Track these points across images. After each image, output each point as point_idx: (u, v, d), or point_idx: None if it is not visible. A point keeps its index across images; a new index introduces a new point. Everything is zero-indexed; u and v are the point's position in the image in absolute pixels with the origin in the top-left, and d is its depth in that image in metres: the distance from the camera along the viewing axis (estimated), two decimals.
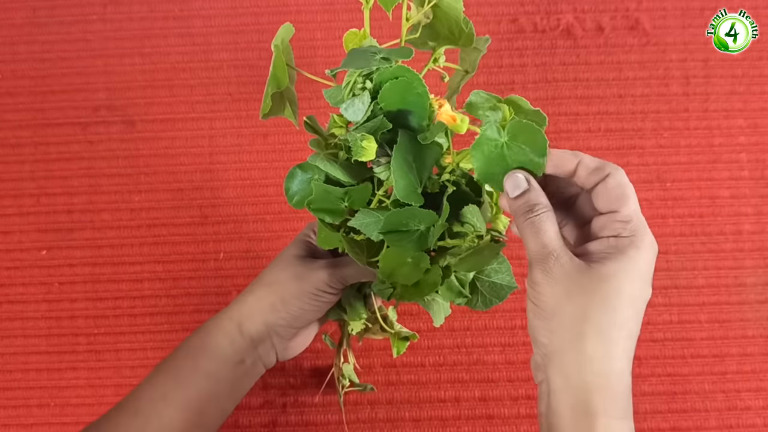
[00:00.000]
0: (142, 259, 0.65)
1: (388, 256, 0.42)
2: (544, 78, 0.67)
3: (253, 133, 0.67)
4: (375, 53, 0.39)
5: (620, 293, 0.35)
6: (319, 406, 0.62)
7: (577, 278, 0.35)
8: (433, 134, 0.39)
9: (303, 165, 0.45)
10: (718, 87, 0.67)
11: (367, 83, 0.40)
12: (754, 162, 0.66)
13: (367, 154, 0.39)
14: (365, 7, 0.42)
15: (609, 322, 0.35)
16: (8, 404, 0.63)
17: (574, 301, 0.35)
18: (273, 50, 0.42)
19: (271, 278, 0.50)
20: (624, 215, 0.37)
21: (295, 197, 0.46)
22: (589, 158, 0.38)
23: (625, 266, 0.36)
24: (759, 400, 0.61)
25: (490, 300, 0.45)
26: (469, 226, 0.41)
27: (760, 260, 0.64)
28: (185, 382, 0.48)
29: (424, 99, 0.39)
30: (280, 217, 0.66)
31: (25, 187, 0.66)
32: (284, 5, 0.69)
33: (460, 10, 0.42)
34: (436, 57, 0.46)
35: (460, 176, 0.42)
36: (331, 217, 0.44)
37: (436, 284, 0.42)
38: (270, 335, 0.50)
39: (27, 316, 0.64)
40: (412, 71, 0.39)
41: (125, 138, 0.67)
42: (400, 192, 0.39)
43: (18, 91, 0.68)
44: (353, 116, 0.40)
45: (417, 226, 0.40)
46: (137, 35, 0.69)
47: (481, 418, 0.61)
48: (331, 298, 0.50)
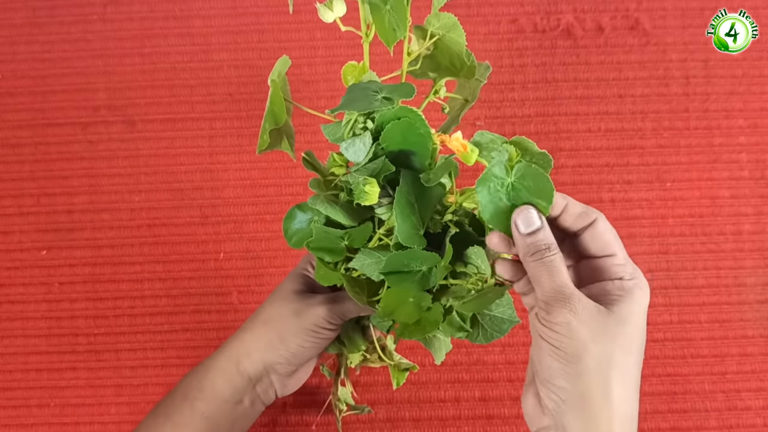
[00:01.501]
0: (142, 259, 0.65)
1: (389, 295, 0.41)
2: (544, 78, 0.67)
3: (253, 133, 0.67)
4: (376, 92, 0.38)
5: (636, 334, 0.36)
6: (320, 406, 0.62)
7: (602, 320, 0.35)
8: (438, 176, 0.38)
9: (302, 206, 0.45)
10: (718, 87, 0.67)
11: (368, 123, 0.39)
12: (754, 162, 0.66)
13: (370, 198, 0.39)
14: (365, 41, 0.42)
15: (629, 364, 0.35)
16: (8, 404, 0.63)
17: (599, 344, 0.35)
18: (270, 85, 0.42)
19: (268, 315, 0.49)
20: (621, 259, 0.38)
21: (294, 238, 0.45)
22: (573, 202, 0.38)
23: (635, 308, 0.36)
24: (759, 400, 0.61)
25: (492, 334, 0.44)
26: (473, 267, 0.40)
27: (760, 260, 0.64)
28: (183, 425, 0.47)
29: (427, 139, 0.39)
30: (280, 217, 0.65)
31: (25, 187, 0.66)
32: (284, 5, 0.69)
33: (463, 44, 0.42)
34: (436, 89, 0.45)
35: (462, 216, 0.42)
36: (331, 257, 0.43)
37: (438, 323, 0.42)
38: (268, 373, 0.49)
39: (27, 316, 0.64)
40: (414, 111, 0.38)
41: (125, 138, 0.67)
42: (402, 235, 0.38)
43: (18, 91, 0.68)
44: (354, 156, 0.39)
45: (419, 267, 0.40)
46: (137, 35, 0.69)
47: (481, 418, 0.61)
48: (330, 334, 0.49)
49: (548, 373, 0.36)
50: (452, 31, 0.41)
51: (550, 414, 0.36)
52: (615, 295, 0.37)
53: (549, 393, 0.36)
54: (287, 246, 0.64)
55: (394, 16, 0.39)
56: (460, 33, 0.41)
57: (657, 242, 0.64)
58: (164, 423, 0.48)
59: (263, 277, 0.64)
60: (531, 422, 0.38)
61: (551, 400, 0.36)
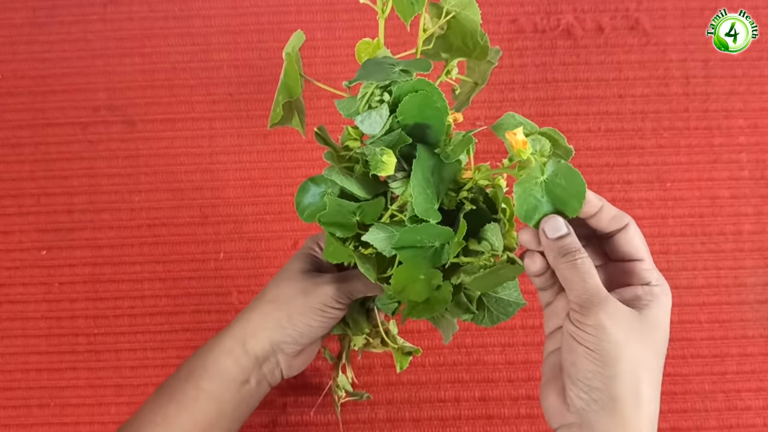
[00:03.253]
0: (142, 259, 0.65)
1: (401, 272, 0.41)
2: (544, 78, 0.67)
3: (253, 133, 0.67)
4: (393, 65, 0.39)
5: (665, 339, 0.37)
6: (319, 407, 0.62)
7: (636, 324, 0.36)
8: (457, 153, 0.38)
9: (315, 178, 0.45)
10: (718, 87, 0.67)
11: (384, 96, 0.39)
12: (754, 162, 0.66)
13: (387, 168, 0.39)
14: (380, 16, 0.41)
15: (658, 366, 0.37)
16: (8, 404, 0.63)
17: (634, 347, 0.36)
18: (284, 58, 0.41)
19: (275, 294, 0.49)
20: (650, 264, 0.39)
21: (307, 211, 0.45)
22: (608, 204, 0.39)
23: (662, 313, 0.37)
24: (759, 400, 0.61)
25: (497, 316, 0.45)
26: (487, 244, 0.40)
27: (760, 260, 0.64)
28: (188, 405, 0.47)
29: (443, 113, 0.39)
30: (280, 217, 0.66)
31: (25, 187, 0.67)
32: (284, 5, 0.69)
33: (477, 22, 0.41)
34: (449, 69, 0.45)
35: (477, 193, 0.42)
36: (342, 232, 0.43)
37: (447, 301, 0.42)
38: (275, 353, 0.49)
39: (27, 316, 0.64)
40: (432, 84, 0.38)
41: (125, 138, 0.67)
42: (419, 208, 0.38)
43: (18, 91, 0.68)
44: (370, 129, 0.39)
45: (432, 243, 0.40)
46: (137, 35, 0.69)
47: (481, 418, 0.61)
48: (337, 313, 0.49)
49: (582, 374, 0.36)
50: (467, 8, 0.41)
51: (577, 412, 0.36)
52: (645, 300, 0.38)
53: (579, 392, 0.36)
54: (287, 246, 0.65)
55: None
56: (475, 11, 0.41)
57: (657, 242, 0.64)
58: (168, 403, 0.47)
59: (263, 277, 0.64)
60: (553, 419, 0.38)
61: (581, 400, 0.36)
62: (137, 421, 0.47)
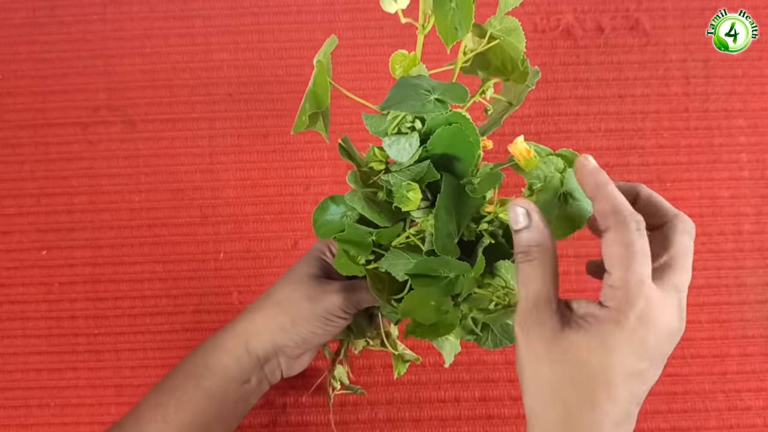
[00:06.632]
0: (142, 259, 0.65)
1: (412, 298, 0.41)
2: (544, 78, 0.67)
3: (253, 134, 0.67)
4: (428, 91, 0.37)
5: (583, 369, 0.32)
6: (320, 407, 0.62)
7: (549, 342, 0.33)
8: (484, 189, 0.37)
9: (336, 199, 0.44)
10: (718, 87, 0.67)
11: (416, 123, 0.38)
12: (754, 162, 0.66)
13: (411, 205, 0.38)
14: (420, 32, 0.39)
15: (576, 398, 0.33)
16: (8, 404, 0.63)
17: (547, 367, 0.33)
18: (315, 66, 0.40)
19: (281, 297, 0.48)
20: (615, 279, 0.32)
21: (323, 229, 0.44)
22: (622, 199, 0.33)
23: (594, 343, 0.32)
24: (759, 400, 0.61)
25: (501, 340, 0.44)
26: (500, 279, 0.40)
27: (760, 260, 0.64)
28: (187, 403, 0.47)
29: (475, 147, 0.38)
30: (280, 217, 0.66)
31: (25, 187, 0.66)
32: (284, 5, 0.69)
33: (521, 50, 0.40)
34: (484, 89, 0.43)
35: (497, 227, 0.41)
36: (356, 251, 0.42)
37: (454, 327, 0.42)
38: (277, 354, 0.49)
39: (27, 316, 0.64)
40: (466, 118, 0.37)
41: (125, 138, 0.67)
42: (439, 243, 0.37)
43: (18, 91, 0.68)
44: (398, 156, 0.38)
45: (447, 274, 0.39)
46: (137, 35, 0.69)
47: (481, 418, 0.61)
48: (342, 323, 0.48)
49: None
50: (512, 35, 0.40)
51: None
52: (583, 320, 0.35)
53: None
54: (287, 246, 0.65)
55: (459, 14, 0.38)
56: (520, 38, 0.39)
57: None
58: (168, 401, 0.47)
59: (263, 277, 0.64)
60: None
61: None
62: (135, 418, 0.47)
